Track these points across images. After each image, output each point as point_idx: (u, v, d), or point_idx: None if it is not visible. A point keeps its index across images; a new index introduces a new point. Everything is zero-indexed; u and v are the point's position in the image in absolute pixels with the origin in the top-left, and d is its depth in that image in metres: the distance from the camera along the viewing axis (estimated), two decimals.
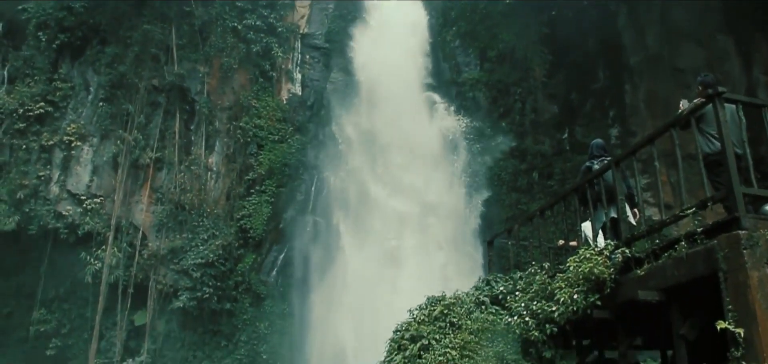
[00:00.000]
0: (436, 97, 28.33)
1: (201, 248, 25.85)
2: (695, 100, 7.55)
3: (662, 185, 8.18)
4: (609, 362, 8.69)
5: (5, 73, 26.81)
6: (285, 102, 29.60)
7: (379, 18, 30.12)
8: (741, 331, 5.61)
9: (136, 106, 27.11)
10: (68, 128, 26.26)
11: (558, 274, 8.20)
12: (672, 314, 6.83)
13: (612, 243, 7.71)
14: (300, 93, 30.19)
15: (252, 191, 27.38)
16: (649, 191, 17.25)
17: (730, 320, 5.74)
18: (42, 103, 26.02)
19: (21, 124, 25.61)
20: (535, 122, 25.91)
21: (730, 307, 5.82)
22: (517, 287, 9.33)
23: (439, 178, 25.96)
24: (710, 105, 7.06)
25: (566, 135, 24.84)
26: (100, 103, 26.90)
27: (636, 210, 8.70)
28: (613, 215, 8.37)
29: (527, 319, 8.15)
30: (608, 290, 7.30)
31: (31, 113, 25.78)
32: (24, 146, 25.62)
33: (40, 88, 26.26)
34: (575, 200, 9.49)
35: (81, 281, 25.63)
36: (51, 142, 26.00)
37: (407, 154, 26.36)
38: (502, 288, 9.73)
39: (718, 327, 5.78)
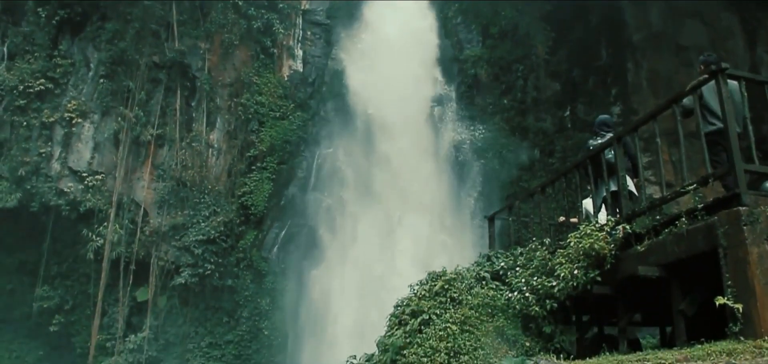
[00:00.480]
0: (442, 81, 27.09)
1: (202, 224, 25.93)
2: (697, 79, 7.53)
3: (664, 163, 8.19)
4: (608, 338, 8.73)
5: (5, 49, 26.67)
6: (286, 79, 29.51)
7: (374, 34, 27.81)
8: (740, 306, 5.65)
9: (136, 82, 27.01)
10: (69, 105, 26.19)
11: (558, 250, 8.22)
12: (672, 289, 6.86)
13: (613, 219, 7.72)
14: (301, 69, 30.11)
15: (253, 167, 27.40)
16: (650, 169, 17.25)
17: (729, 296, 5.78)
18: (42, 80, 25.92)
19: (21, 101, 25.54)
20: (536, 100, 25.83)
21: (729, 282, 5.86)
22: (518, 263, 9.36)
23: (449, 230, 23.52)
24: (709, 85, 7.08)
25: (568, 112, 24.78)
26: (101, 80, 26.80)
27: (637, 180, 8.67)
28: (613, 187, 8.37)
29: (527, 294, 8.19)
30: (608, 266, 7.33)
31: (31, 90, 25.70)
32: (25, 123, 25.58)
33: (40, 65, 26.15)
34: (576, 176, 9.50)
35: (83, 257, 25.75)
36: (52, 119, 25.95)
37: (411, 209, 23.27)
38: (502, 264, 9.74)
39: (717, 303, 5.81)
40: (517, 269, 9.22)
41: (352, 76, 27.42)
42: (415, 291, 9.51)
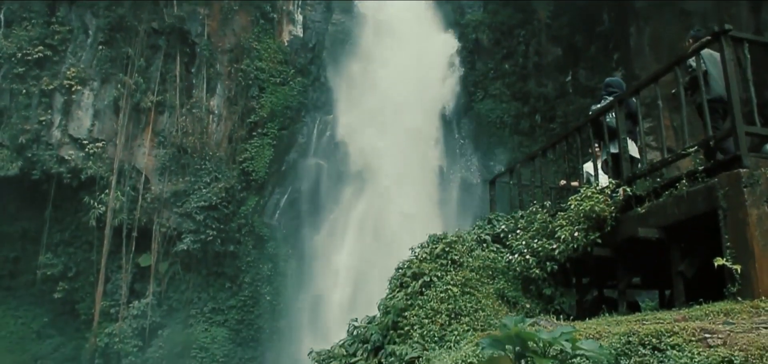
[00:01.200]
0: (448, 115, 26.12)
1: (204, 190, 26.02)
2: (700, 41, 7.49)
3: (665, 128, 8.16)
4: (608, 301, 8.80)
5: (2, 16, 26.46)
6: (286, 44, 29.31)
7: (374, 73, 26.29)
8: (738, 267, 5.68)
9: (136, 49, 26.87)
10: (68, 72, 26.10)
11: (559, 212, 8.25)
12: (671, 251, 6.91)
13: (613, 182, 7.74)
14: (301, 35, 29.87)
15: (254, 133, 27.38)
16: (651, 135, 17.19)
17: (728, 257, 5.81)
18: (40, 47, 25.80)
19: (20, 69, 25.45)
20: (538, 65, 25.69)
21: (728, 244, 5.89)
22: (519, 226, 9.37)
23: None
24: (706, 55, 7.06)
25: (570, 78, 24.64)
26: (100, 47, 26.66)
27: (639, 143, 8.64)
28: (613, 150, 8.36)
29: (528, 257, 8.22)
30: (609, 228, 7.36)
31: (29, 57, 25.59)
32: (24, 91, 25.51)
33: (38, 32, 26.00)
34: (577, 140, 9.47)
35: (85, 225, 25.92)
36: (51, 87, 25.88)
37: None
38: (503, 227, 9.76)
39: (716, 264, 5.85)
40: (518, 231, 9.24)
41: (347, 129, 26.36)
42: (417, 254, 9.52)
